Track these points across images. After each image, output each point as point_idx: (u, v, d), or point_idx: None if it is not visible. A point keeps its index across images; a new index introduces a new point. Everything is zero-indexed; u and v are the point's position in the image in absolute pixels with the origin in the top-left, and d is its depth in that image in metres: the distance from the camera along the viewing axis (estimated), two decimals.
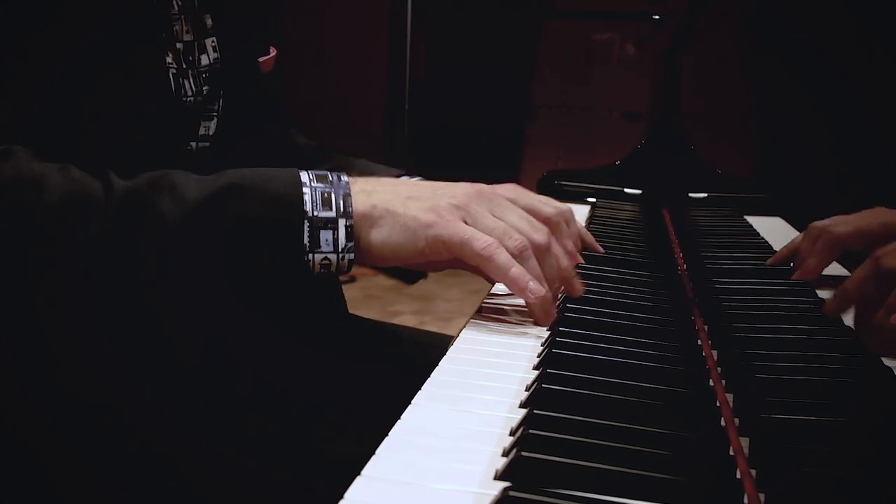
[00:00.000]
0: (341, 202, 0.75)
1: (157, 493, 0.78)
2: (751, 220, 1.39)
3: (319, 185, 0.75)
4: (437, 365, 0.70)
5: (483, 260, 0.75)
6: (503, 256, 0.76)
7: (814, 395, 0.65)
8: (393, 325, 1.23)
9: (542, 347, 0.75)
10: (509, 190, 1.01)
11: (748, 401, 0.63)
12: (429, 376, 0.67)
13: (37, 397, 0.75)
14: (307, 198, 0.74)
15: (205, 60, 0.91)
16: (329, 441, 0.79)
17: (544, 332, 0.79)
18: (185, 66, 0.89)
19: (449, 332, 0.79)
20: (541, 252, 0.79)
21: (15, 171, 0.70)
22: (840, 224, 0.98)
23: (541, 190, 1.53)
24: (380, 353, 1.08)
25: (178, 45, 0.88)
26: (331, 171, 0.78)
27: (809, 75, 2.66)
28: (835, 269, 1.04)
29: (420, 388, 0.65)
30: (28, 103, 0.76)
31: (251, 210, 0.73)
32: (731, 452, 0.57)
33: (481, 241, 0.76)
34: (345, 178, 0.77)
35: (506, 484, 0.50)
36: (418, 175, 1.13)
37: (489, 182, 1.09)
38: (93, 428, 0.77)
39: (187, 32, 0.89)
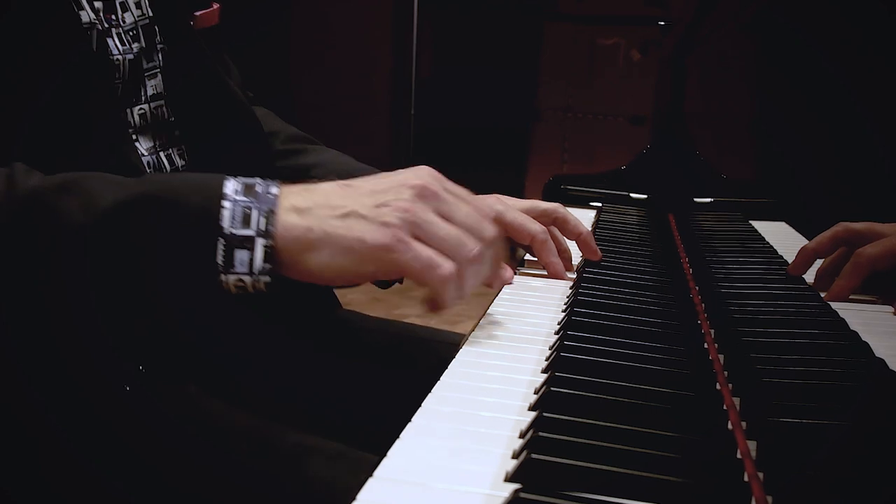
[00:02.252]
0: (263, 219, 0.68)
1: (159, 494, 0.78)
2: (756, 224, 1.39)
3: (243, 198, 0.68)
4: (446, 364, 0.70)
5: (439, 288, 0.70)
6: (471, 282, 0.72)
7: (821, 398, 0.66)
8: (403, 322, 1.23)
9: (550, 351, 0.75)
10: (496, 200, 1.01)
11: (755, 404, 0.64)
12: (439, 377, 0.68)
13: (39, 391, 0.75)
14: (226, 213, 0.68)
15: (129, 18, 0.90)
16: (341, 442, 0.80)
17: (553, 336, 0.79)
18: (107, 24, 0.88)
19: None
20: (487, 247, 0.74)
21: None
22: (869, 238, 0.97)
23: (547, 194, 1.54)
24: (388, 352, 1.09)
25: (97, 4, 0.87)
26: (268, 177, 0.72)
27: (811, 80, 2.66)
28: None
29: (430, 390, 0.66)
30: None
31: (163, 224, 0.67)
32: (739, 455, 0.58)
33: (442, 267, 0.70)
34: (274, 190, 0.70)
35: (516, 485, 0.51)
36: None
37: (494, 186, 1.10)
38: (97, 426, 0.77)
39: None
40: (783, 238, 1.28)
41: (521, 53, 4.03)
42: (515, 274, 1.01)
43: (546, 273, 1.02)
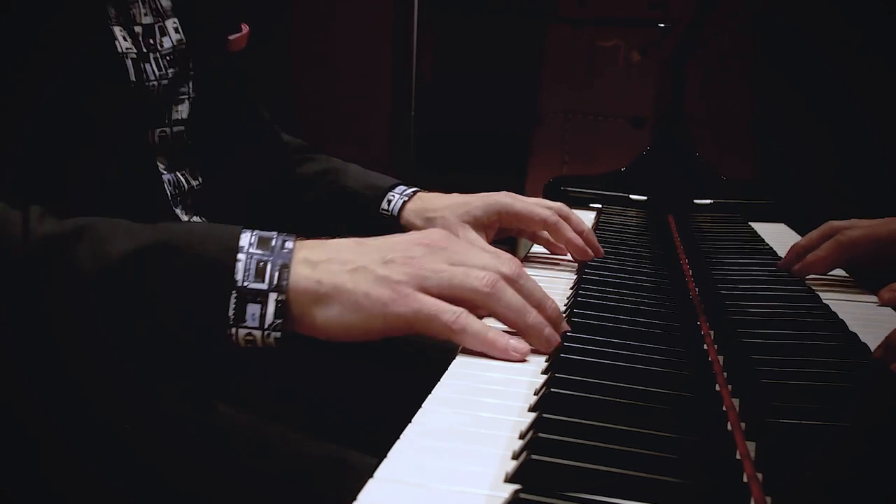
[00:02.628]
0: (276, 274, 0.68)
1: (159, 494, 0.79)
2: (755, 226, 1.39)
3: (258, 251, 0.68)
4: (447, 367, 0.70)
5: (455, 334, 0.69)
6: (476, 324, 0.70)
7: (820, 399, 0.66)
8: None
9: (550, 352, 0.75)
10: (503, 195, 1.02)
11: (754, 405, 0.64)
12: (439, 379, 0.68)
13: (39, 391, 0.75)
14: (240, 265, 0.67)
15: (167, 43, 0.91)
16: (341, 443, 0.80)
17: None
18: (145, 49, 0.88)
19: None
20: (513, 281, 0.73)
21: None
22: (854, 227, 1.00)
23: (547, 196, 1.54)
24: (390, 355, 1.09)
25: (137, 29, 0.88)
26: (280, 232, 0.72)
27: (811, 81, 2.66)
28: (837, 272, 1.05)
29: (430, 391, 0.66)
30: None
31: (174, 274, 0.67)
32: (738, 456, 0.58)
33: (449, 313, 0.69)
34: (290, 244, 0.70)
35: (516, 486, 0.51)
36: (415, 186, 1.14)
37: (494, 188, 1.11)
38: (97, 426, 0.78)
39: (146, 15, 0.88)
40: (783, 239, 1.28)
41: (522, 57, 4.03)
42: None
43: (554, 264, 1.03)
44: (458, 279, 0.70)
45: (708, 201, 1.52)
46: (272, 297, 0.67)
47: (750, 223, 1.42)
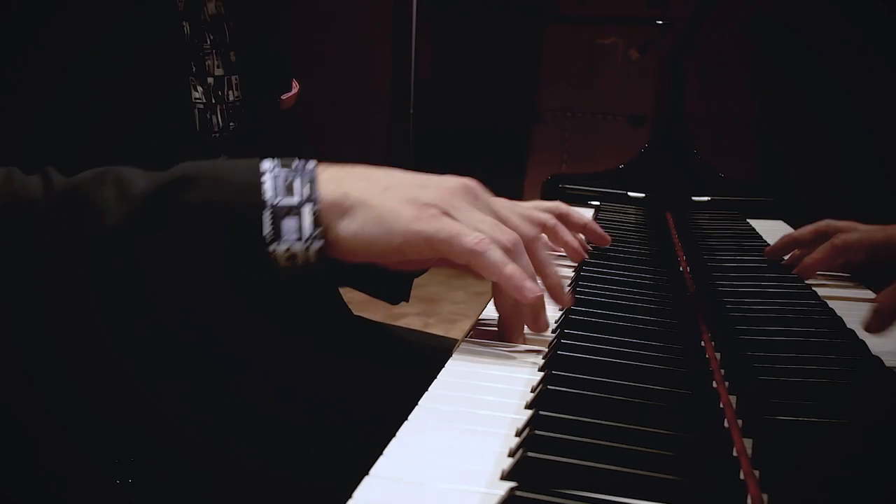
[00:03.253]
0: (307, 188, 0.68)
1: (159, 494, 0.79)
2: (753, 223, 1.39)
3: (283, 170, 0.68)
4: (442, 367, 0.70)
5: (475, 256, 0.68)
6: (497, 253, 0.69)
7: (817, 396, 0.66)
8: (398, 327, 1.24)
9: (547, 349, 0.75)
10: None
11: (751, 402, 0.64)
12: (435, 378, 0.68)
13: (40, 391, 0.75)
14: (267, 185, 0.67)
15: (231, 96, 0.90)
16: (337, 441, 0.80)
17: (549, 334, 0.79)
18: (213, 101, 0.88)
19: (454, 333, 0.79)
20: (532, 245, 0.75)
21: None
22: (850, 229, 1.00)
23: (545, 193, 1.54)
24: (385, 354, 1.09)
25: (210, 80, 0.88)
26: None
27: (811, 80, 2.66)
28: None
29: (426, 390, 0.66)
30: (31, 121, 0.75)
31: (203, 202, 0.66)
32: (735, 453, 0.58)
33: (472, 236, 0.68)
34: (312, 163, 0.70)
35: (512, 484, 0.51)
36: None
37: (493, 187, 1.11)
38: (97, 426, 0.78)
39: (218, 67, 0.88)
40: (780, 236, 1.28)
41: (520, 54, 4.03)
42: None
43: (567, 255, 1.04)
44: (484, 226, 0.70)
45: (706, 199, 1.52)
46: (306, 208, 0.67)
47: (748, 220, 1.41)
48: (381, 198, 0.69)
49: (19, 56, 0.74)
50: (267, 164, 0.68)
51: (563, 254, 1.05)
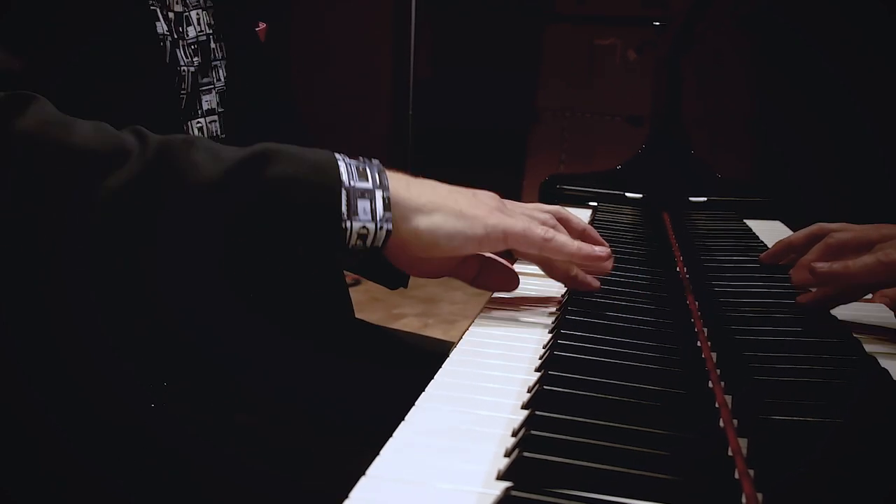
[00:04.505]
0: (377, 175, 0.74)
1: (159, 494, 0.79)
2: (750, 223, 1.40)
3: (353, 161, 0.75)
4: (440, 368, 0.71)
5: (547, 242, 0.80)
6: (563, 237, 0.81)
7: (812, 396, 0.66)
8: (396, 330, 1.24)
9: (543, 350, 0.76)
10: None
11: (747, 402, 0.64)
12: (432, 378, 0.68)
13: (40, 391, 0.76)
14: (343, 168, 0.73)
15: (192, 32, 0.93)
16: (334, 441, 0.80)
17: (546, 335, 0.80)
18: (176, 36, 0.90)
19: (453, 334, 0.81)
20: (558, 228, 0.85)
21: (41, 115, 0.69)
22: (843, 230, 1.00)
23: (543, 194, 1.54)
24: (383, 355, 1.09)
25: (170, 15, 0.90)
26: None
27: (810, 80, 2.67)
28: None
29: (424, 390, 0.66)
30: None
31: (288, 173, 0.71)
32: (730, 453, 0.58)
33: (540, 227, 0.80)
34: (377, 161, 0.77)
35: (508, 484, 0.51)
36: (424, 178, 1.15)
37: (492, 187, 1.12)
38: (97, 426, 0.78)
39: (177, 3, 0.91)
40: (777, 237, 1.27)
41: (519, 54, 4.04)
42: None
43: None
44: (525, 221, 0.80)
45: (703, 199, 1.53)
46: (378, 193, 0.73)
47: (745, 221, 1.42)
48: (451, 200, 0.77)
49: None
50: (337, 154, 0.74)
51: None
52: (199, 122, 0.93)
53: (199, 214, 0.70)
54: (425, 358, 0.82)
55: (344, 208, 0.72)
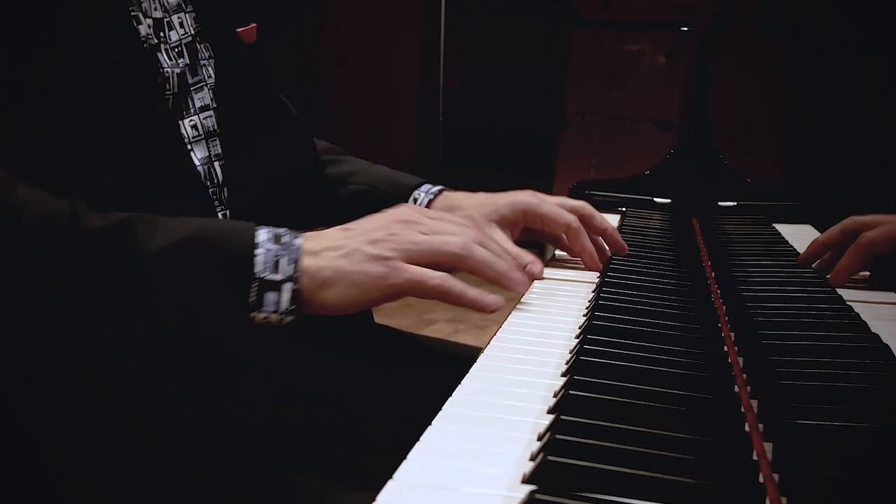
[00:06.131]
0: (291, 267, 0.78)
1: (159, 494, 0.80)
2: (780, 227, 1.39)
3: (274, 246, 0.78)
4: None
5: (442, 294, 0.80)
6: (458, 285, 0.81)
7: (838, 400, 0.66)
8: (423, 336, 1.24)
9: (570, 354, 0.76)
10: (530, 194, 1.11)
11: (772, 406, 0.64)
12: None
13: (40, 391, 0.77)
14: (259, 259, 0.77)
15: (174, 36, 0.94)
16: (362, 446, 0.81)
17: (574, 340, 0.80)
18: (157, 40, 0.92)
19: (484, 339, 0.81)
20: (481, 241, 0.84)
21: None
22: (874, 225, 1.01)
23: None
24: (410, 361, 1.10)
25: (149, 21, 0.91)
26: (291, 228, 0.80)
27: (838, 84, 2.65)
28: None
29: (451, 395, 0.67)
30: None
31: (205, 267, 0.76)
32: (755, 457, 0.58)
33: (435, 278, 0.80)
34: (299, 240, 0.79)
35: (532, 487, 0.52)
36: (441, 185, 1.15)
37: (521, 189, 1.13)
38: (97, 426, 0.79)
39: (156, 9, 0.93)
40: (807, 241, 1.28)
41: (547, 61, 4.04)
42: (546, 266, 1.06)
43: (579, 265, 1.09)
44: (435, 246, 0.81)
45: (732, 203, 1.52)
46: (287, 286, 0.77)
47: (775, 225, 1.41)
48: (351, 263, 0.79)
49: None
50: (262, 236, 0.78)
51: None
52: (191, 120, 0.94)
53: (113, 293, 0.74)
54: (450, 363, 0.82)
55: (252, 300, 0.77)
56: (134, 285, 0.74)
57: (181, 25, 0.95)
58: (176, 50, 0.94)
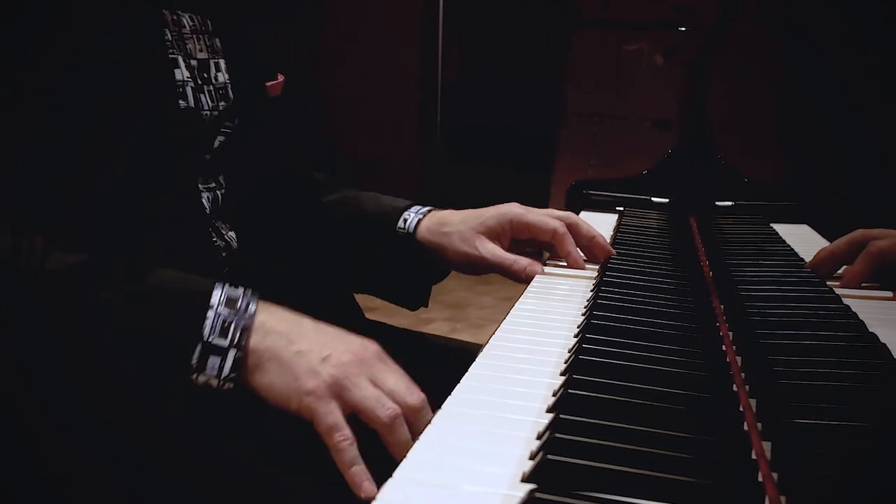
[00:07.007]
0: (238, 334, 0.77)
1: (159, 494, 0.80)
2: (777, 227, 1.39)
3: (225, 310, 0.77)
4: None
5: (334, 451, 0.76)
6: (351, 453, 0.75)
7: (837, 399, 0.66)
8: (422, 333, 1.25)
9: (569, 353, 0.76)
10: (515, 206, 1.11)
11: (771, 406, 0.64)
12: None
13: (40, 391, 0.78)
14: (208, 322, 0.77)
15: (221, 78, 0.97)
16: (363, 444, 0.81)
17: (572, 338, 0.80)
18: (200, 81, 0.94)
19: (481, 338, 0.81)
20: (414, 413, 0.76)
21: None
22: (883, 237, 1.01)
23: (569, 199, 1.55)
24: (409, 359, 1.10)
25: (193, 62, 0.93)
26: (253, 291, 0.80)
27: (838, 84, 2.65)
28: None
29: (450, 394, 0.67)
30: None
31: (153, 324, 0.77)
32: (754, 456, 0.58)
33: (338, 435, 0.75)
34: (253, 307, 0.79)
35: (532, 486, 0.52)
36: (429, 206, 1.17)
37: (520, 190, 1.14)
38: (97, 426, 0.79)
39: (201, 50, 0.95)
40: (805, 240, 1.28)
41: (547, 59, 4.04)
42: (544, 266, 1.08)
43: (567, 265, 1.09)
44: (369, 403, 0.76)
45: (729, 203, 1.52)
46: (231, 353, 0.77)
47: (772, 225, 1.41)
48: (292, 361, 0.78)
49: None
50: (216, 297, 0.78)
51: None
52: (205, 157, 0.96)
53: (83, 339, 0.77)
54: (451, 360, 0.82)
55: (194, 362, 0.76)
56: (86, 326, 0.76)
57: (222, 70, 0.98)
58: (220, 91, 0.96)
